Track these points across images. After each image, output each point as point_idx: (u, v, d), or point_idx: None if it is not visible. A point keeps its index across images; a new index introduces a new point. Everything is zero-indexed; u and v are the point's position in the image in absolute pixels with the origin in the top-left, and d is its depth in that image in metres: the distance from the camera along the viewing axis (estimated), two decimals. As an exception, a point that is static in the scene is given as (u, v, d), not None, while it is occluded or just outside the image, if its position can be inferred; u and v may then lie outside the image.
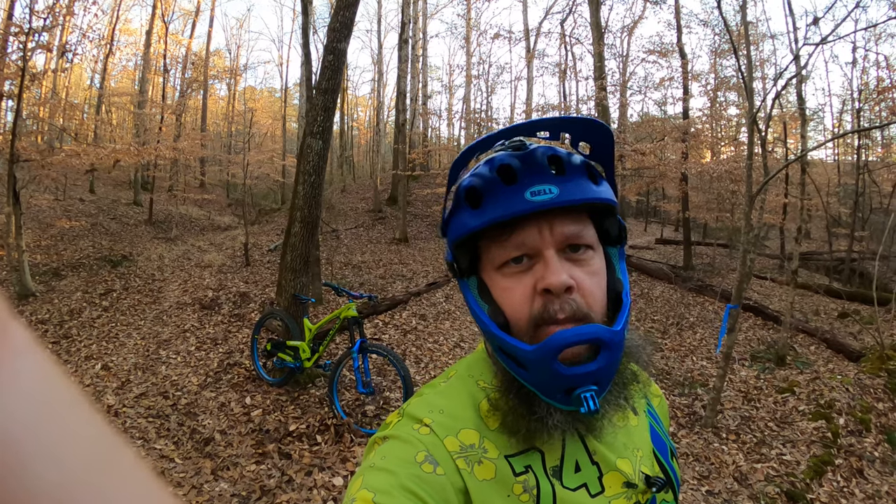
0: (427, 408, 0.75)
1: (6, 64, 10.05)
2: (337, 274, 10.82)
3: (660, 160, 14.44)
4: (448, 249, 0.80)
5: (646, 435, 0.84)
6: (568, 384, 0.68)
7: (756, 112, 5.59)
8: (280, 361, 5.49)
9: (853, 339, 8.63)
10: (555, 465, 0.73)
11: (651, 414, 0.89)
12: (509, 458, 0.71)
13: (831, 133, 21.66)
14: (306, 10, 10.00)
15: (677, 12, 16.50)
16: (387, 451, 0.69)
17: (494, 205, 0.70)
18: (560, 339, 0.66)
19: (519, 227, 0.71)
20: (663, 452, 0.84)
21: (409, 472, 0.65)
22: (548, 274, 0.69)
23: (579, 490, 0.72)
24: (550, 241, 0.70)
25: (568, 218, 0.72)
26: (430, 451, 0.68)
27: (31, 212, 12.72)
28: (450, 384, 0.80)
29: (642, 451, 0.81)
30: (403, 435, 0.71)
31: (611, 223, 0.78)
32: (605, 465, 0.75)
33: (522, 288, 0.71)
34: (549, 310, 0.69)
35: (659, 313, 9.74)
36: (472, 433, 0.72)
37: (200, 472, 4.00)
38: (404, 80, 19.57)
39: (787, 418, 5.47)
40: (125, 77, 30.10)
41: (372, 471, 0.66)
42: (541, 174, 0.71)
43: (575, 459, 0.74)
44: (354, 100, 38.80)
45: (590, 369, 0.67)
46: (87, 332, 7.24)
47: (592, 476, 0.74)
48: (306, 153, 5.80)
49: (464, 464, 0.69)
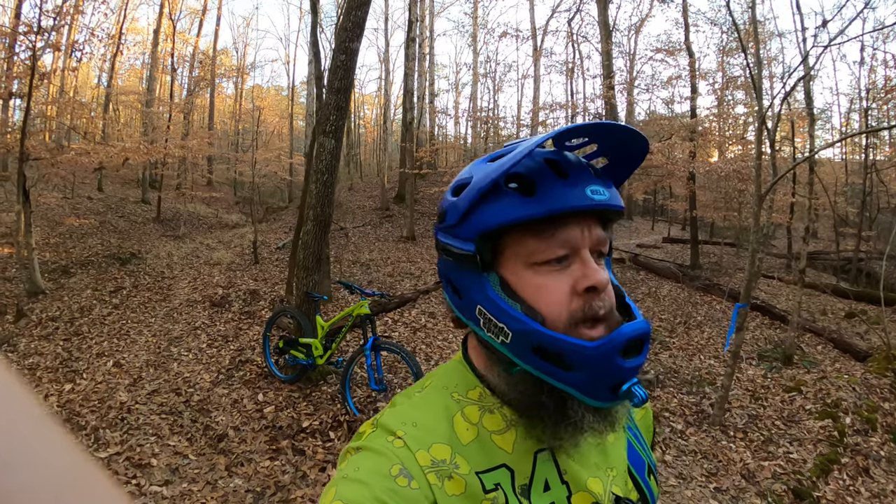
0: (400, 419, 0.73)
1: (15, 63, 10.12)
2: (346, 272, 10.86)
3: (667, 159, 14.43)
4: (458, 241, 0.74)
5: (622, 453, 0.83)
6: (623, 378, 0.67)
7: (765, 111, 5.60)
8: (292, 358, 5.53)
9: (860, 339, 8.63)
10: (524, 483, 0.72)
11: (630, 429, 0.87)
12: (480, 475, 0.70)
13: (839, 132, 21.59)
14: (315, 8, 10.04)
15: (685, 10, 16.48)
16: (360, 463, 0.68)
17: (553, 196, 0.68)
18: (625, 333, 0.67)
19: (564, 225, 0.70)
20: (640, 469, 0.83)
21: (383, 485, 0.64)
22: (591, 272, 0.69)
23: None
24: (588, 242, 0.71)
25: (600, 223, 0.73)
26: (404, 464, 0.67)
27: (41, 210, 12.79)
28: (424, 395, 0.79)
29: (616, 471, 0.80)
30: (377, 447, 0.70)
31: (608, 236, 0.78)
32: (575, 484, 0.75)
33: (560, 286, 0.70)
34: (593, 307, 0.69)
35: (666, 312, 9.74)
36: (444, 448, 0.71)
37: (215, 468, 4.04)
38: (411, 78, 19.61)
39: (794, 417, 5.49)
40: (133, 76, 30.22)
41: (345, 482, 0.65)
42: (590, 178, 0.71)
43: (545, 478, 0.73)
44: (361, 98, 38.93)
45: (640, 361, 0.69)
46: (97, 329, 7.29)
47: (561, 495, 0.73)
48: (319, 152, 5.83)
49: (435, 478, 0.68)
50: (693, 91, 16.12)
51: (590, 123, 0.73)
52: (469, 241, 0.72)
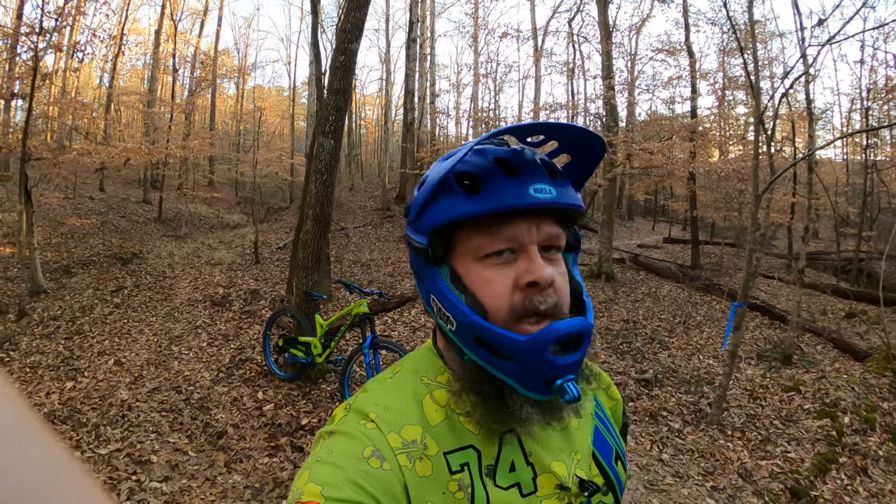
0: (373, 403, 0.76)
1: (17, 64, 10.16)
2: (346, 272, 10.89)
3: (668, 159, 14.44)
4: (416, 235, 0.78)
5: (587, 438, 0.85)
6: (554, 374, 0.70)
7: (763, 111, 5.62)
8: (292, 357, 5.56)
9: (860, 339, 8.63)
10: (490, 464, 0.75)
11: (599, 417, 0.90)
12: (447, 455, 0.73)
13: (840, 132, 21.57)
14: (316, 9, 10.06)
15: (685, 11, 16.50)
16: (333, 446, 0.70)
17: (496, 194, 0.71)
18: (556, 330, 0.70)
19: (511, 221, 0.73)
20: (606, 456, 0.86)
21: (356, 467, 0.66)
22: (534, 268, 0.72)
23: (511, 489, 0.74)
24: (536, 239, 0.73)
25: (552, 220, 0.75)
26: (376, 446, 0.70)
27: (42, 210, 12.84)
28: (395, 380, 0.81)
29: (580, 455, 0.83)
30: (349, 430, 0.72)
31: (571, 232, 0.82)
32: (540, 466, 0.77)
33: (504, 280, 0.73)
34: (532, 302, 0.72)
35: (666, 312, 9.76)
36: (414, 429, 0.74)
37: (214, 464, 4.07)
38: (412, 78, 19.64)
39: (792, 416, 5.51)
40: (134, 76, 30.30)
41: (319, 465, 0.67)
42: (540, 174, 0.74)
43: (511, 459, 0.76)
44: (362, 99, 38.94)
45: (576, 358, 0.71)
46: (99, 328, 7.32)
47: (527, 476, 0.76)
48: (318, 152, 5.85)
49: (405, 460, 0.70)
50: (693, 91, 16.13)
51: (542, 123, 0.76)
52: (423, 235, 0.76)
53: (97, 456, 4.08)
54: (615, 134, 12.32)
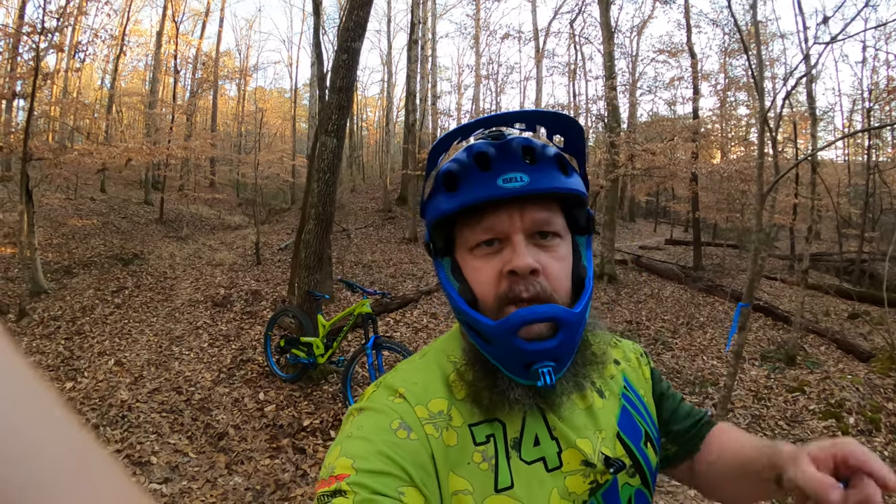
0: (401, 379, 0.80)
1: (19, 64, 10.15)
2: (348, 273, 10.86)
3: (670, 160, 14.41)
4: (426, 230, 0.85)
5: (612, 419, 0.85)
6: (527, 359, 0.73)
7: (766, 111, 5.58)
8: (293, 357, 5.52)
9: (863, 340, 8.59)
10: (515, 436, 0.77)
11: (627, 398, 0.90)
12: (472, 427, 0.76)
13: (842, 133, 21.53)
14: (318, 10, 10.04)
15: (687, 11, 16.46)
16: (363, 421, 0.73)
17: (468, 189, 0.76)
18: (519, 316, 0.72)
19: (491, 212, 0.76)
20: (634, 437, 0.85)
21: (384, 439, 0.69)
22: (514, 257, 0.74)
23: (536, 463, 0.76)
24: (519, 227, 0.75)
25: (538, 206, 0.77)
26: (403, 418, 0.73)
27: (43, 210, 12.83)
28: (424, 359, 0.85)
29: (605, 433, 0.83)
30: (378, 405, 0.76)
31: (580, 213, 0.83)
32: (565, 441, 0.78)
33: (490, 269, 0.76)
34: (514, 290, 0.74)
35: (669, 313, 9.72)
36: (441, 402, 0.77)
37: (214, 466, 4.04)
38: (414, 80, 19.62)
39: (797, 417, 5.47)
40: (136, 77, 30.30)
41: (350, 440, 0.70)
42: (513, 162, 0.76)
43: (535, 433, 0.78)
44: (364, 100, 38.93)
45: (547, 346, 0.73)
46: (99, 328, 7.29)
47: (552, 451, 0.77)
48: (321, 151, 5.82)
49: (432, 429, 0.73)
50: (695, 92, 16.10)
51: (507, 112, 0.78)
52: (427, 231, 0.85)
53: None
54: (617, 135, 12.30)
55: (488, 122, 0.78)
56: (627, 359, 0.96)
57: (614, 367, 0.92)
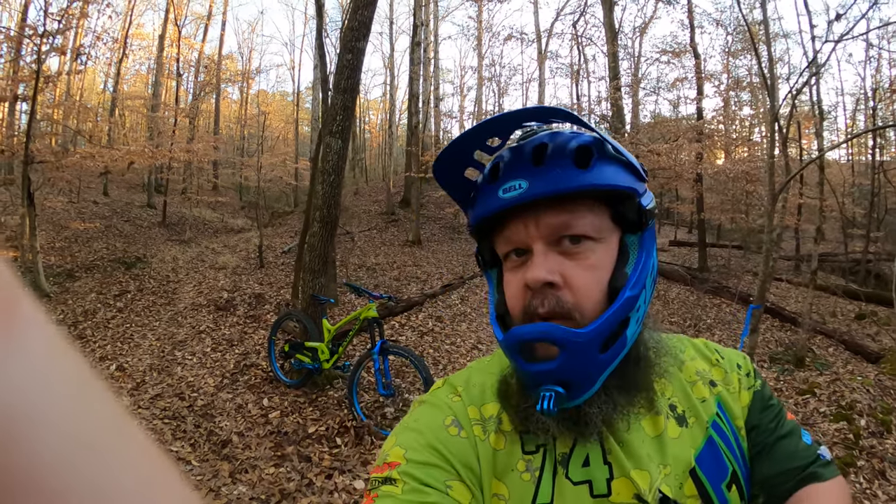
0: (464, 379, 0.81)
1: (20, 66, 10.12)
2: (351, 276, 10.81)
3: (674, 161, 14.36)
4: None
5: (688, 451, 0.74)
6: (529, 380, 0.70)
7: (778, 110, 5.52)
8: (298, 363, 5.45)
9: (871, 341, 8.52)
10: (564, 451, 0.72)
11: (718, 429, 0.77)
12: (523, 435, 0.74)
13: (845, 133, 21.48)
14: (320, 12, 10.01)
15: (690, 12, 16.43)
16: (420, 415, 0.76)
17: (479, 204, 0.74)
18: (514, 335, 0.69)
19: (506, 223, 0.73)
20: (715, 477, 0.74)
21: (436, 434, 0.72)
22: (529, 269, 0.69)
23: (581, 485, 0.70)
24: (537, 235, 0.70)
25: (554, 209, 0.69)
26: (457, 416, 0.75)
27: (46, 214, 12.78)
28: (491, 360, 0.85)
29: (671, 468, 0.72)
30: (437, 401, 0.78)
31: (626, 207, 0.71)
32: (619, 468, 0.71)
33: (517, 281, 0.72)
34: (531, 305, 0.69)
35: (676, 315, 9.66)
36: (494, 406, 0.77)
37: (218, 474, 3.96)
38: (416, 82, 19.56)
39: (808, 420, 5.40)
40: (138, 81, 30.25)
41: (406, 430, 0.74)
42: (518, 169, 0.70)
43: (586, 453, 0.72)
44: (367, 103, 38.90)
45: (545, 368, 0.67)
46: (101, 332, 7.24)
47: (601, 476, 0.71)
48: (325, 153, 5.77)
49: (480, 431, 0.74)
50: (699, 92, 16.08)
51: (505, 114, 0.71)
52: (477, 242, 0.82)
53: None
54: (622, 136, 12.26)
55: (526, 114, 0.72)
56: (727, 381, 0.83)
57: (708, 390, 0.81)
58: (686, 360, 0.82)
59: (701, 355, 0.86)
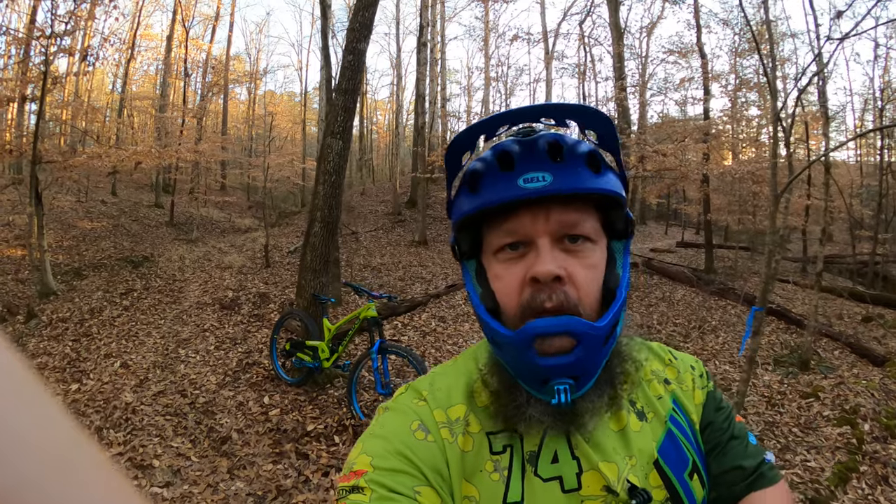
0: (428, 383, 0.80)
1: (29, 67, 10.20)
2: (356, 275, 10.84)
3: (681, 162, 14.31)
4: (452, 231, 0.82)
5: (650, 444, 0.78)
6: (542, 375, 0.69)
7: (779, 111, 5.50)
8: (299, 361, 5.48)
9: (877, 344, 8.46)
10: (532, 450, 0.73)
11: (676, 422, 0.82)
12: (490, 435, 0.74)
13: (853, 133, 21.34)
14: (325, 13, 10.04)
15: (696, 12, 16.35)
16: (385, 421, 0.75)
17: (489, 190, 0.72)
18: (534, 328, 0.67)
19: (513, 214, 0.72)
20: (677, 466, 0.77)
21: (403, 440, 0.71)
22: (537, 263, 0.69)
23: (551, 482, 0.72)
24: (545, 230, 0.71)
25: (565, 207, 0.71)
26: (423, 420, 0.74)
27: (54, 213, 12.90)
28: (455, 364, 0.85)
29: (637, 460, 0.76)
30: (402, 406, 0.77)
31: (616, 216, 0.77)
32: (587, 462, 0.73)
33: (513, 275, 0.72)
34: (537, 299, 0.69)
35: (681, 317, 9.62)
36: (460, 408, 0.76)
37: (216, 470, 4.00)
38: (423, 83, 19.61)
39: (811, 424, 5.37)
40: (146, 81, 30.43)
41: (372, 438, 0.72)
42: (538, 161, 0.71)
43: (554, 449, 0.74)
44: (373, 103, 38.99)
45: (563, 361, 0.68)
46: (107, 330, 7.30)
47: (570, 471, 0.72)
48: (326, 153, 5.80)
49: (447, 434, 0.73)
50: (706, 93, 15.98)
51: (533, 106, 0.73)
52: (453, 234, 0.81)
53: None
54: (628, 136, 12.23)
55: (514, 115, 0.74)
56: (681, 380, 0.87)
57: (663, 387, 0.85)
58: (642, 361, 0.83)
59: (655, 356, 0.88)
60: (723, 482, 0.81)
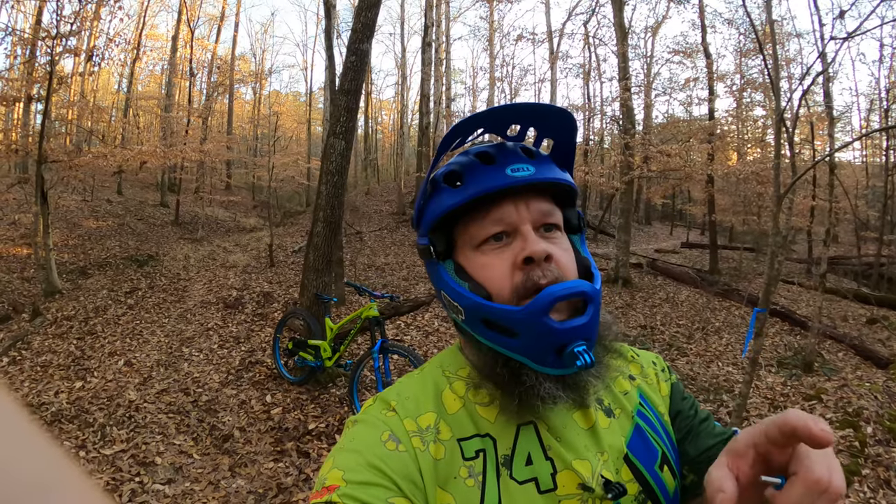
0: (395, 393, 0.80)
1: (35, 68, 10.24)
2: (360, 275, 10.85)
3: (686, 162, 14.29)
4: (420, 238, 0.84)
5: (619, 439, 0.80)
6: (560, 340, 0.70)
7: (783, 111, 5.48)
8: (301, 360, 5.50)
9: (882, 346, 8.43)
10: (506, 453, 0.74)
11: (643, 415, 0.85)
12: (461, 442, 0.74)
13: (859, 134, 21.25)
14: (329, 14, 10.04)
15: (701, 11, 16.34)
16: (355, 434, 0.74)
17: (475, 182, 0.75)
18: (550, 293, 0.70)
19: (497, 205, 0.76)
20: (647, 459, 0.80)
21: (374, 452, 0.70)
22: (528, 245, 0.73)
23: (527, 484, 0.73)
24: (527, 217, 0.76)
25: (542, 198, 0.78)
26: (393, 430, 0.73)
27: (60, 212, 12.94)
28: (422, 374, 0.85)
29: (608, 455, 0.78)
30: (371, 418, 0.76)
31: (571, 212, 0.84)
32: (560, 462, 0.75)
33: (502, 263, 0.75)
34: (531, 278, 0.73)
35: (684, 318, 9.60)
36: (430, 416, 0.77)
37: (218, 468, 4.02)
38: (428, 82, 19.60)
39: (814, 426, 5.35)
40: (152, 81, 30.52)
41: (342, 452, 0.71)
42: (517, 158, 0.77)
43: (528, 452, 0.75)
44: (378, 103, 38.98)
45: (581, 322, 0.71)
46: (111, 328, 7.33)
47: (545, 472, 0.74)
48: (329, 153, 5.82)
49: (419, 442, 0.73)
50: (711, 93, 15.98)
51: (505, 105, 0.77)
52: (424, 237, 0.83)
53: (101, 456, 4.07)
54: (632, 136, 12.21)
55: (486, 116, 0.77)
56: (645, 374, 0.92)
57: (629, 383, 0.88)
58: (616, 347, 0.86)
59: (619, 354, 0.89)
60: (704, 460, 0.82)
